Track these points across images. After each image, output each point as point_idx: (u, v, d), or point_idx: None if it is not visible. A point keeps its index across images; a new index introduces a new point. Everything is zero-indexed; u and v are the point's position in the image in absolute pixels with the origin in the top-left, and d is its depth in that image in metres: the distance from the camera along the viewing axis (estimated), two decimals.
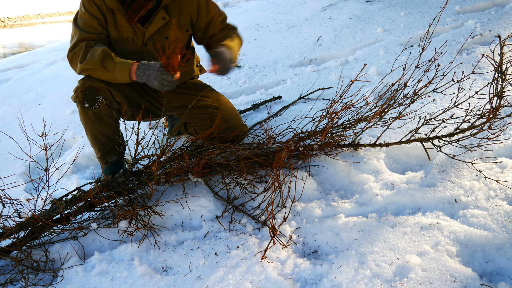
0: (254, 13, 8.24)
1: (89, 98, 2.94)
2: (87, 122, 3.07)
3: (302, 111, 4.12)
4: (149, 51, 3.11)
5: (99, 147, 3.23)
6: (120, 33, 3.03)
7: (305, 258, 2.48)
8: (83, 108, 2.99)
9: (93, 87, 2.94)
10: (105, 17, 2.99)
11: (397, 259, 2.28)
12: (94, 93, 2.94)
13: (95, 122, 3.05)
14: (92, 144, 3.24)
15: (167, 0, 3.00)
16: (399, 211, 2.74)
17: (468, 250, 2.34)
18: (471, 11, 6.07)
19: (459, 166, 2.94)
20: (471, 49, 4.71)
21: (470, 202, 2.64)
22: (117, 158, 3.34)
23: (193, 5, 3.13)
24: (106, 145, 3.22)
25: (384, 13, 6.61)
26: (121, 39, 3.06)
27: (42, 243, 2.73)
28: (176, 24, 3.09)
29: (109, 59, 2.81)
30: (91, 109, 2.98)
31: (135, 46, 3.09)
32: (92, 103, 2.96)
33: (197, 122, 3.37)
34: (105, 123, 3.08)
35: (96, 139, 3.17)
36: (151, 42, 3.09)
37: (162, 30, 3.09)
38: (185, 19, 3.16)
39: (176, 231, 2.78)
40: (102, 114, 3.03)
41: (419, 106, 3.61)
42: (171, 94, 3.33)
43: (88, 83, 2.94)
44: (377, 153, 3.23)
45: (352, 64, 5.05)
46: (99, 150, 3.26)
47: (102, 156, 3.29)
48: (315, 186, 3.03)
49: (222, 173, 3.04)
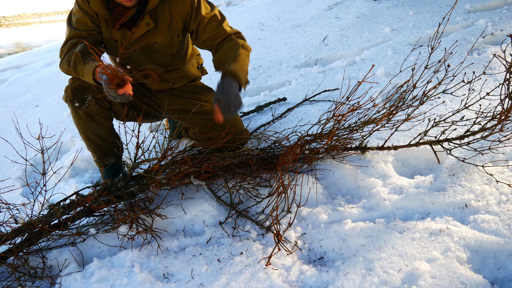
0: (258, 12, 8.25)
1: (79, 96, 2.95)
2: (79, 122, 3.08)
3: (307, 113, 4.13)
4: (137, 54, 3.11)
5: (94, 149, 3.25)
6: (111, 34, 3.04)
7: (311, 264, 2.48)
8: (73, 107, 2.99)
9: (82, 85, 2.96)
10: (97, 16, 2.99)
11: (406, 266, 2.28)
12: (83, 92, 2.95)
13: (87, 122, 3.06)
14: (87, 146, 3.26)
15: (151, 6, 2.93)
16: (407, 216, 2.74)
17: (479, 256, 2.34)
18: (482, 10, 6.08)
19: (469, 170, 2.94)
20: (482, 49, 4.71)
21: (481, 207, 2.64)
22: (114, 160, 3.35)
23: (185, 7, 3.04)
24: (101, 147, 3.23)
25: (392, 12, 6.62)
26: (111, 40, 3.07)
27: (39, 249, 2.74)
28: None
29: (79, 62, 2.75)
30: (81, 109, 2.98)
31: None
32: (82, 102, 2.96)
33: (196, 128, 3.39)
34: (97, 122, 3.09)
35: (90, 141, 3.19)
36: (138, 45, 3.09)
37: (150, 35, 3.06)
38: (177, 23, 3.10)
39: (177, 237, 2.79)
40: (93, 114, 3.04)
41: (428, 108, 3.61)
42: (169, 97, 3.34)
43: (78, 81, 2.96)
44: (385, 156, 3.23)
45: (359, 65, 5.05)
46: (95, 153, 3.28)
47: (99, 159, 3.30)
48: (321, 190, 3.03)
49: (225, 177, 3.04)
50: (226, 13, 8.85)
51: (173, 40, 3.16)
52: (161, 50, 3.16)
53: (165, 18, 3.05)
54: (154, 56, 3.17)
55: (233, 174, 3.08)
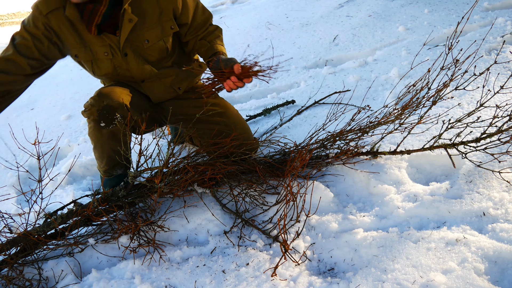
0: (265, 10, 8.25)
1: (106, 117, 2.85)
2: (99, 139, 2.99)
3: (317, 116, 4.14)
4: (132, 60, 3.00)
5: (107, 161, 3.14)
6: (93, 51, 2.92)
7: (321, 276, 2.49)
8: (97, 127, 2.90)
9: (111, 106, 2.84)
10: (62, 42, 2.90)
11: (421, 277, 2.29)
12: (112, 113, 2.85)
13: (108, 140, 2.97)
14: (99, 158, 3.15)
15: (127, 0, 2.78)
16: (422, 225, 2.74)
17: (497, 267, 2.34)
18: (500, 8, 6.07)
19: (487, 176, 2.94)
20: (501, 49, 4.71)
21: (499, 215, 2.64)
22: (122, 171, 3.25)
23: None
24: (114, 160, 3.13)
25: (406, 10, 6.62)
26: (99, 58, 2.96)
27: (35, 260, 2.75)
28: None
29: None
30: (107, 128, 2.90)
31: (118, 60, 2.99)
32: (109, 122, 2.86)
33: (204, 138, 3.31)
34: (118, 141, 2.97)
35: (106, 155, 3.09)
36: (130, 50, 2.97)
37: (139, 33, 2.93)
38: (167, 14, 2.97)
39: (180, 247, 2.79)
40: (117, 132, 2.94)
41: (444, 111, 3.61)
42: (175, 104, 3.29)
43: (105, 101, 2.83)
44: (399, 162, 3.23)
45: (371, 65, 5.06)
46: (107, 165, 3.16)
47: (108, 170, 3.19)
48: (331, 197, 3.03)
49: (230, 184, 3.05)
50: (232, 11, 8.87)
51: (166, 32, 3.03)
52: (155, 47, 3.04)
53: (153, 9, 2.93)
54: (148, 56, 3.06)
55: (239, 181, 3.09)
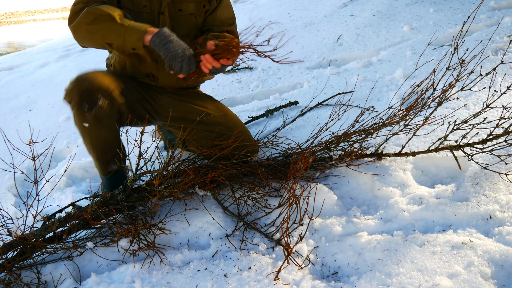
0: (268, 9, 8.27)
1: (88, 99, 2.77)
2: (84, 128, 2.90)
3: (320, 117, 4.14)
4: (165, 21, 3.02)
5: (99, 155, 3.09)
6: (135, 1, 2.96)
7: (324, 280, 2.49)
8: (80, 111, 2.81)
9: (91, 88, 2.79)
10: None
11: (426, 281, 2.29)
12: (94, 94, 2.78)
13: (94, 126, 2.88)
14: (91, 152, 3.09)
15: None
16: (428, 228, 2.75)
17: (504, 271, 2.35)
18: (507, 7, 6.07)
19: (494, 179, 2.94)
20: (507, 49, 4.71)
21: (506, 218, 2.64)
22: (117, 167, 3.19)
23: None
24: (106, 153, 3.08)
25: (411, 9, 6.62)
26: (137, 8, 2.98)
27: (33, 263, 2.73)
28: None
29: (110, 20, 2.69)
30: (90, 112, 2.80)
31: (151, 15, 3.00)
32: (92, 105, 2.79)
33: (201, 142, 3.28)
34: (106, 126, 2.91)
35: (96, 147, 3.03)
36: (167, 11, 3.01)
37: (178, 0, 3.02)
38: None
39: (181, 250, 2.79)
40: (102, 117, 2.85)
41: (449, 112, 3.61)
42: (171, 102, 3.25)
43: (86, 83, 2.79)
44: (404, 164, 3.23)
45: (376, 66, 5.06)
46: (99, 159, 3.12)
47: (102, 166, 3.15)
48: (335, 200, 3.03)
49: (231, 186, 3.05)
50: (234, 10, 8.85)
51: (199, 9, 3.12)
52: (184, 18, 3.09)
53: None
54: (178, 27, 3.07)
55: (241, 183, 3.09)
